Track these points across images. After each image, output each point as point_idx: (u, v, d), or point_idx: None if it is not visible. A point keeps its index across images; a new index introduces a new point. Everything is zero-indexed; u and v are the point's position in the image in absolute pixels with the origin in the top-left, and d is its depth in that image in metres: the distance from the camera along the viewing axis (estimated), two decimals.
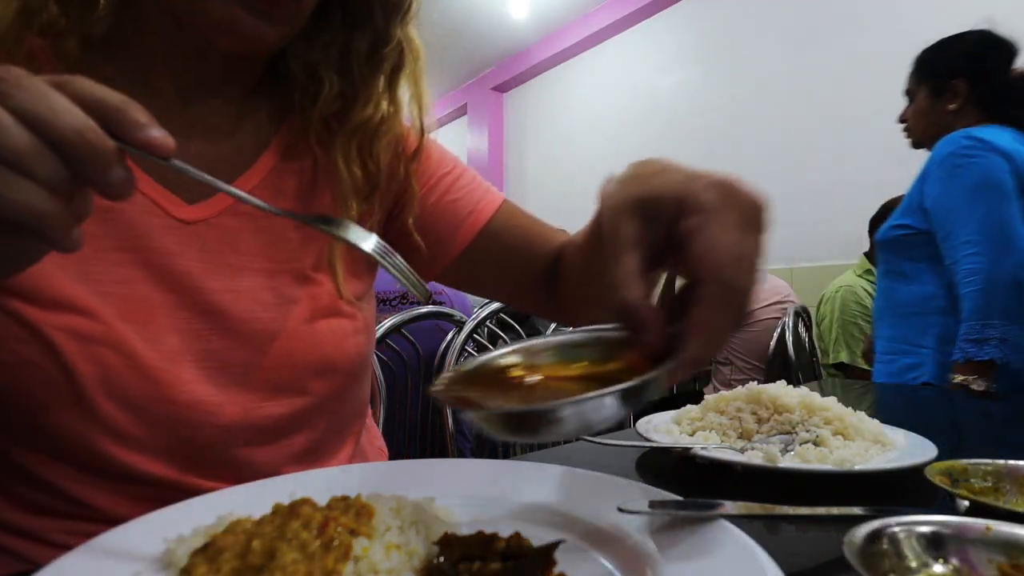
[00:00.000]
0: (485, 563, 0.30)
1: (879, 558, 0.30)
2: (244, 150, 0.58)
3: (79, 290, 0.47)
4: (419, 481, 0.43)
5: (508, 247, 0.68)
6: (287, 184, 0.59)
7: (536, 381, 0.36)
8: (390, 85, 0.60)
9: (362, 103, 0.58)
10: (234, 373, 0.52)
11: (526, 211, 0.71)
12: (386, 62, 0.59)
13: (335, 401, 0.59)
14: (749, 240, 0.32)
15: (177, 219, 0.52)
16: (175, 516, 0.36)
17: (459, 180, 0.68)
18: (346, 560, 0.29)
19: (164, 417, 0.49)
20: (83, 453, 0.47)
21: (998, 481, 0.45)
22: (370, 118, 0.59)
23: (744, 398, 0.68)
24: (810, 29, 3.35)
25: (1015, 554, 0.31)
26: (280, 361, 0.54)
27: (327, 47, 0.58)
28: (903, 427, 0.65)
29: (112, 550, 0.33)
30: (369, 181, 0.60)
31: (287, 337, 0.54)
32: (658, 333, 0.33)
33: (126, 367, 0.47)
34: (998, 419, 0.99)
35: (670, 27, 4.17)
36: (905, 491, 0.52)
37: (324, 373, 0.57)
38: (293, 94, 0.59)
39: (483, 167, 5.66)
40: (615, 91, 4.56)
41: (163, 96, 0.54)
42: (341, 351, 0.58)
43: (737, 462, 0.54)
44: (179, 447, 0.50)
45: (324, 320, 0.57)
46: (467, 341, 1.36)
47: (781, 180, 3.44)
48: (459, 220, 0.66)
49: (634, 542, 0.35)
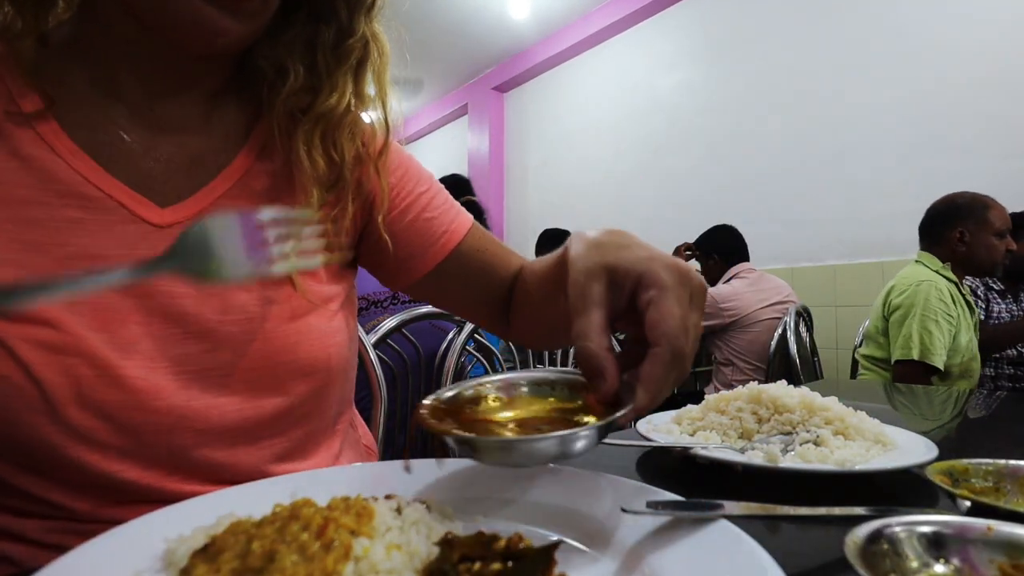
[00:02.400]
0: (485, 563, 0.30)
1: (880, 558, 0.30)
2: (216, 150, 0.57)
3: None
4: (419, 481, 0.43)
5: (474, 268, 0.69)
6: (260, 184, 0.58)
7: (509, 416, 0.42)
8: (355, 79, 0.60)
9: (326, 93, 0.58)
10: (212, 377, 0.52)
11: (491, 235, 0.73)
12: (352, 55, 0.59)
13: (316, 400, 0.59)
14: (695, 315, 0.39)
15: (151, 224, 0.52)
16: (175, 516, 0.36)
17: (435, 199, 0.69)
18: (346, 560, 0.29)
19: (142, 425, 0.49)
20: (60, 464, 0.47)
21: (999, 481, 0.45)
22: (334, 107, 0.58)
23: (745, 398, 0.68)
24: (810, 29, 3.35)
25: (1016, 554, 0.31)
26: (259, 363, 0.54)
27: (293, 41, 0.58)
28: (903, 427, 0.65)
29: (112, 550, 0.33)
30: (332, 171, 0.60)
31: (265, 338, 0.54)
32: (614, 381, 0.38)
33: (98, 378, 0.47)
34: (999, 419, 0.99)
35: (670, 27, 4.17)
36: (906, 491, 0.52)
37: (305, 374, 0.56)
38: (261, 90, 0.59)
39: (483, 167, 5.66)
40: (615, 91, 4.56)
41: (129, 98, 0.53)
42: (322, 350, 0.57)
43: (738, 462, 0.54)
44: (159, 454, 0.50)
45: (303, 319, 0.57)
46: (467, 341, 1.36)
47: (781, 180, 3.44)
48: (433, 239, 0.67)
49: (634, 542, 0.35)
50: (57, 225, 0.48)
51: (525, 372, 0.46)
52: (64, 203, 0.49)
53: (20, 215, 0.48)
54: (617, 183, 4.50)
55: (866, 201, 3.05)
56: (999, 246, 2.05)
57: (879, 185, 3.01)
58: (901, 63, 2.99)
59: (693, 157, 3.97)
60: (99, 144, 0.52)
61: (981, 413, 1.04)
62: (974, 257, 2.07)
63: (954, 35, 2.80)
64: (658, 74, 4.23)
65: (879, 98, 3.05)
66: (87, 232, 0.49)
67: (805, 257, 3.33)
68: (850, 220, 3.11)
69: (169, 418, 0.50)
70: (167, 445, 0.50)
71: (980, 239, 2.05)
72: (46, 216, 0.48)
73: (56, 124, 0.50)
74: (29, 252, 0.47)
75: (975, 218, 2.06)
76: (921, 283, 2.01)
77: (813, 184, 3.29)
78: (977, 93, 2.72)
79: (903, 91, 2.97)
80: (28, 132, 0.49)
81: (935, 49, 2.86)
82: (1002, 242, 2.06)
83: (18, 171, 0.48)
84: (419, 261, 0.68)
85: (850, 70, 3.16)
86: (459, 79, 5.82)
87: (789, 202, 3.40)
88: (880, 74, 3.05)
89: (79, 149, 0.50)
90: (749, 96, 3.65)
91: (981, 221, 2.05)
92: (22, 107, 0.49)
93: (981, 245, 2.05)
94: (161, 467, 0.50)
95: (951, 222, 2.10)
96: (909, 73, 2.95)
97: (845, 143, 3.16)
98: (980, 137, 2.71)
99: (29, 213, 0.48)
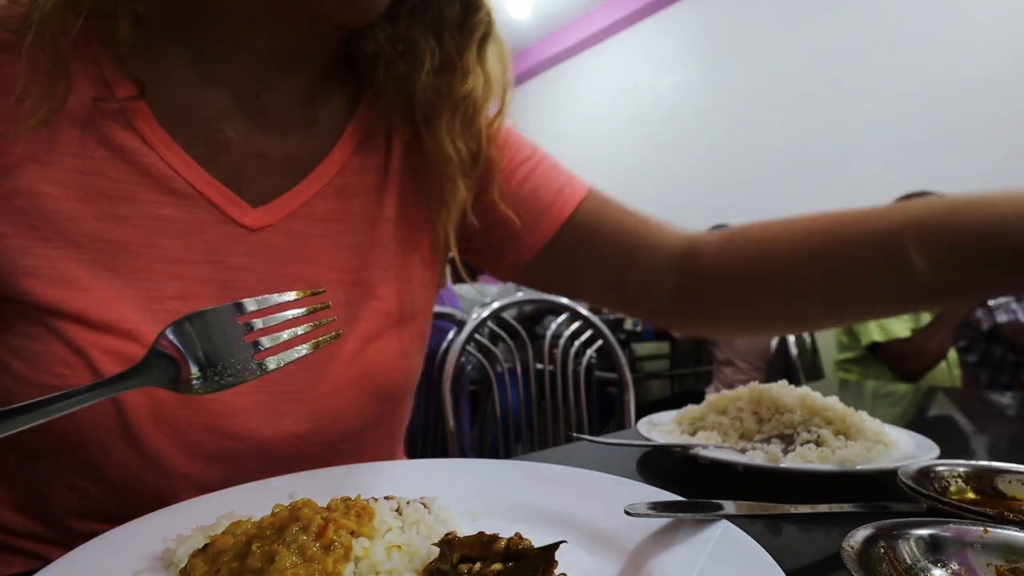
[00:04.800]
0: (486, 564, 0.30)
1: (877, 562, 0.30)
2: (313, 146, 0.54)
3: (127, 311, 0.44)
4: (419, 481, 0.43)
5: (600, 242, 0.59)
6: (356, 182, 0.54)
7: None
8: (480, 55, 0.55)
9: (461, 75, 0.54)
10: (290, 400, 0.48)
11: (619, 202, 0.62)
12: (477, 30, 0.54)
13: (390, 421, 0.56)
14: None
15: (243, 227, 0.48)
16: (175, 516, 0.36)
17: (539, 167, 0.61)
18: (346, 561, 0.29)
19: (215, 451, 0.46)
20: (124, 479, 0.44)
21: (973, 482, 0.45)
22: (472, 90, 0.54)
23: (745, 398, 0.68)
24: (811, 29, 3.35)
25: (1013, 557, 0.31)
26: (337, 386, 0.50)
27: (417, 18, 0.53)
28: (905, 427, 0.64)
29: (112, 550, 0.33)
30: (473, 157, 0.56)
31: (346, 360, 0.50)
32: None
33: (178, 399, 0.43)
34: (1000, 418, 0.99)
35: (671, 27, 4.17)
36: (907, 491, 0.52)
37: (382, 397, 0.53)
38: (376, 73, 0.54)
39: None
40: (615, 90, 4.56)
41: (233, 83, 0.50)
42: (399, 373, 0.54)
43: (739, 462, 0.54)
44: (228, 481, 0.45)
45: (383, 339, 0.53)
46: (467, 341, 1.36)
47: (781, 180, 3.44)
48: (540, 211, 0.59)
49: (635, 543, 0.35)
50: (146, 223, 0.45)
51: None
52: (154, 199, 0.46)
53: (107, 211, 0.44)
54: (617, 182, 4.48)
55: (866, 201, 3.03)
56: None
57: (879, 185, 3.01)
58: (901, 63, 2.99)
59: (693, 157, 3.97)
60: (194, 134, 0.48)
61: (983, 413, 1.03)
62: None
63: (954, 35, 2.80)
64: (658, 74, 4.23)
65: (879, 98, 3.05)
66: (176, 232, 0.46)
67: None
68: None
69: (243, 445, 0.46)
70: (237, 473, 0.46)
71: None
72: (134, 213, 0.45)
73: (149, 112, 0.47)
74: (116, 253, 0.44)
75: None
76: None
77: (813, 184, 3.29)
78: (977, 93, 2.72)
79: (903, 91, 2.97)
80: (120, 120, 0.45)
81: (935, 49, 2.86)
82: None
83: (107, 162, 0.45)
84: (528, 239, 0.59)
85: (850, 70, 3.16)
86: None
87: (789, 202, 3.40)
88: (880, 74, 3.05)
89: (172, 140, 0.47)
90: (749, 96, 3.65)
91: None
92: (116, 93, 0.45)
93: None
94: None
95: None
96: (909, 73, 2.95)
97: (845, 143, 3.16)
98: (980, 137, 2.71)
99: (117, 209, 0.45)
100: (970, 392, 1.28)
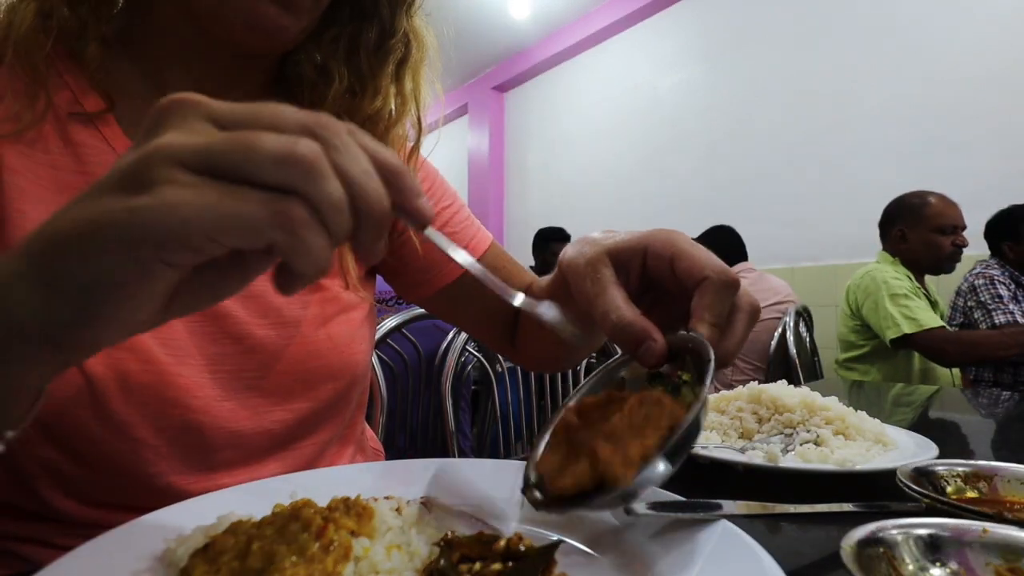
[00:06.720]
0: (486, 564, 0.30)
1: (876, 562, 0.30)
2: None
3: None
4: (419, 481, 0.43)
5: (489, 288, 0.67)
6: None
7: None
8: (397, 78, 0.60)
9: (371, 95, 0.58)
10: (245, 379, 0.52)
11: (509, 255, 0.72)
12: (392, 54, 0.59)
13: (338, 404, 0.59)
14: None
15: None
16: (175, 516, 0.36)
17: (457, 215, 0.69)
18: (346, 561, 0.29)
19: (179, 422, 0.49)
20: (101, 458, 0.47)
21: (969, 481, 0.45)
22: (379, 111, 0.58)
23: (745, 398, 0.68)
24: (811, 29, 3.35)
25: (1012, 557, 0.31)
26: (291, 367, 0.54)
27: (335, 41, 0.58)
28: (904, 427, 0.65)
29: (112, 550, 0.33)
30: None
31: (298, 343, 0.54)
32: (662, 339, 0.35)
33: (144, 372, 0.47)
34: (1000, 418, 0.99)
35: (671, 27, 4.17)
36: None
37: (333, 378, 0.57)
38: (302, 93, 0.59)
39: (483, 167, 5.66)
40: (615, 91, 4.56)
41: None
42: (350, 355, 0.58)
43: (738, 462, 0.54)
44: (193, 455, 0.50)
45: (334, 322, 0.57)
46: (467, 341, 1.36)
47: (782, 180, 3.44)
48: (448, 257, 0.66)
49: (635, 542, 0.35)
50: None
51: (585, 385, 0.40)
52: None
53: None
54: (617, 183, 4.50)
55: (866, 201, 3.05)
56: (941, 242, 2.08)
57: (879, 185, 3.01)
58: (901, 63, 2.99)
59: (693, 157, 3.97)
60: None
61: (984, 412, 1.04)
62: (915, 254, 2.13)
63: (954, 35, 2.80)
64: (658, 74, 4.23)
65: (879, 98, 3.05)
66: None
67: (805, 257, 3.33)
68: (850, 220, 3.11)
69: (204, 417, 0.50)
70: (201, 446, 0.50)
71: (918, 236, 2.11)
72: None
73: (116, 124, 0.51)
74: None
75: (912, 216, 2.13)
76: (870, 271, 2.12)
77: (813, 184, 3.29)
78: (977, 93, 2.72)
79: (903, 91, 2.97)
80: (91, 131, 0.50)
81: (935, 49, 2.86)
82: (946, 238, 2.08)
83: (78, 173, 0.49)
84: (436, 275, 0.67)
85: (850, 70, 3.16)
86: (459, 79, 5.82)
87: (789, 202, 3.40)
88: (880, 74, 3.05)
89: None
90: (749, 96, 3.65)
91: (917, 218, 2.12)
92: (85, 106, 0.50)
93: (919, 242, 2.11)
94: (194, 470, 0.50)
95: (893, 221, 2.19)
96: (909, 73, 2.95)
97: (845, 143, 3.16)
98: (980, 137, 2.71)
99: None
100: (970, 392, 1.28)
